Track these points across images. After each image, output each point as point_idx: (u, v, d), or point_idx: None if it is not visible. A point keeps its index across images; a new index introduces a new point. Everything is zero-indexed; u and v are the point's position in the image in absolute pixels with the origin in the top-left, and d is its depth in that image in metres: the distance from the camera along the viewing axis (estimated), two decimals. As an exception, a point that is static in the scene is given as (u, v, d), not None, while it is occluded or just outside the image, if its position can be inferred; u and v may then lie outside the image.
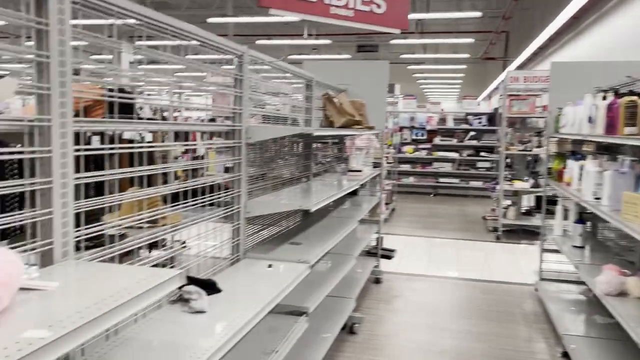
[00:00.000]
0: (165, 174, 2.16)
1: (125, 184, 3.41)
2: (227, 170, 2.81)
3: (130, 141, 3.98)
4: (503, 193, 7.80)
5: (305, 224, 3.86)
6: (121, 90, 1.89)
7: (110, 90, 1.77)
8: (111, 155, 1.83)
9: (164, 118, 4.58)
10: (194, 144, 2.76)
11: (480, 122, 11.39)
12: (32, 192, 1.44)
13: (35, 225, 1.45)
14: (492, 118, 11.13)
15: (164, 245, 2.35)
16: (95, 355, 1.68)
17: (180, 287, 2.07)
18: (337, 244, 3.42)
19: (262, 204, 2.86)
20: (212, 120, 6.40)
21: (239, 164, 2.75)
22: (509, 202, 8.00)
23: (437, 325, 4.32)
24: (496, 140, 10.21)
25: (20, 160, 1.43)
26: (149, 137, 4.73)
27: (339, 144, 5.28)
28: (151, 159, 3.75)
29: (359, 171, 4.40)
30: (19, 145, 1.45)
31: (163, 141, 4.31)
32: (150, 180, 2.12)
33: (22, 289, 1.27)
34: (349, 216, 4.32)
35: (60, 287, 1.30)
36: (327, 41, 16.95)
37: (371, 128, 4.43)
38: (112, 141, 3.53)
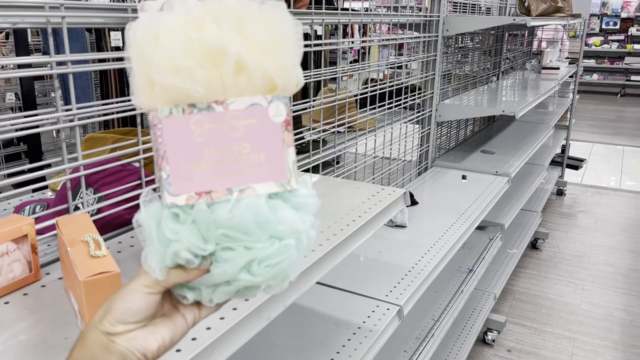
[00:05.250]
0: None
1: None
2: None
3: (304, 36, 3.82)
4: None
5: (492, 130, 3.47)
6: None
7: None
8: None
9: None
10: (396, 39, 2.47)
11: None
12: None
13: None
14: None
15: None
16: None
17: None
18: (532, 153, 3.01)
19: (455, 108, 2.54)
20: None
21: (433, 61, 2.43)
22: None
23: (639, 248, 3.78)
24: None
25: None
26: (319, 30, 4.50)
27: (527, 36, 4.59)
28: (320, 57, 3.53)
29: (556, 69, 3.78)
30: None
31: (330, 36, 4.09)
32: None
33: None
34: (538, 121, 3.80)
35: (283, 201, 1.19)
36: None
37: (576, 16, 3.71)
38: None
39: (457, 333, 2.25)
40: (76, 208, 1.03)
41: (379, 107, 2.06)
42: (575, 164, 4.97)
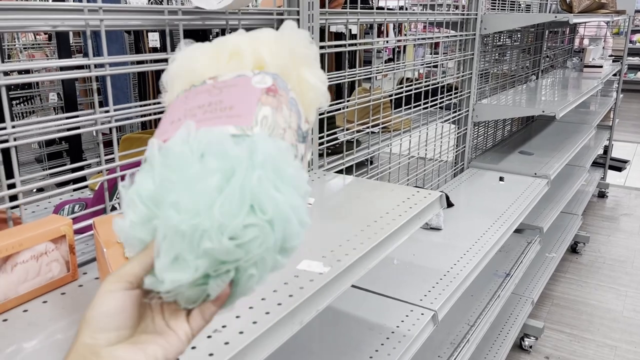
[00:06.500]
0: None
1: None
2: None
3: (338, 36, 3.78)
4: None
5: (531, 130, 3.37)
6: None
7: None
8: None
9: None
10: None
11: None
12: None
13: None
14: None
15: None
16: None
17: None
18: (573, 155, 2.92)
19: (492, 108, 2.48)
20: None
21: (470, 60, 2.37)
22: None
23: (685, 254, 3.61)
24: None
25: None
26: (354, 29, 4.44)
27: (569, 33, 4.45)
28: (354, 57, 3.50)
29: (599, 67, 3.65)
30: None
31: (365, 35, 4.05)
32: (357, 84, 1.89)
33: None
34: (580, 121, 3.68)
35: (316, 203, 1.18)
36: None
37: (620, 12, 3.57)
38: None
39: (493, 338, 2.19)
40: (113, 208, 1.04)
41: (414, 107, 2.03)
42: (619, 166, 4.80)
